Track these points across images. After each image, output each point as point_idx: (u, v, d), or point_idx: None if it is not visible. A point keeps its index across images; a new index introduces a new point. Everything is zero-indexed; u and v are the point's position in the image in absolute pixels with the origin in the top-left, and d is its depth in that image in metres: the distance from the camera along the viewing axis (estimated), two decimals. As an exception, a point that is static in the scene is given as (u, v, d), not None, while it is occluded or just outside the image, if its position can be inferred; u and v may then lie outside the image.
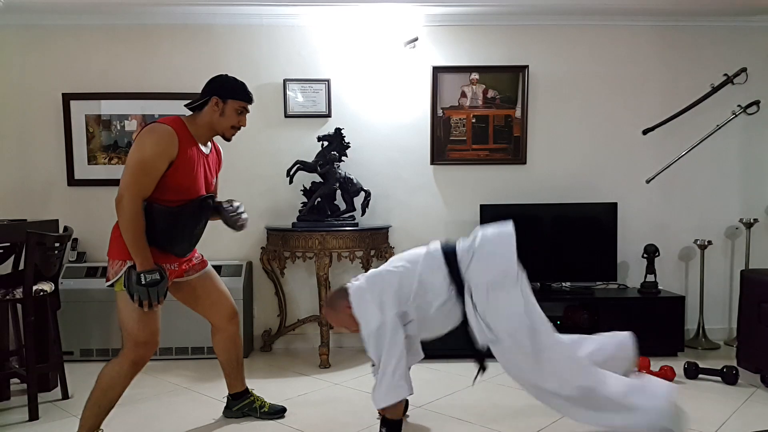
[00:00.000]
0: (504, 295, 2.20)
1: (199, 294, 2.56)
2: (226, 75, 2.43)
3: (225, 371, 2.71)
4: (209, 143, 2.47)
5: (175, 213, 2.29)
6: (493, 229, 2.33)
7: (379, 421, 2.44)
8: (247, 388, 2.75)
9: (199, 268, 2.55)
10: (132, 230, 2.18)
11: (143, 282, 2.19)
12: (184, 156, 2.27)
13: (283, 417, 2.72)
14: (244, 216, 2.52)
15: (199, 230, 2.46)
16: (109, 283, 2.29)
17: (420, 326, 2.33)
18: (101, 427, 2.33)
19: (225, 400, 2.78)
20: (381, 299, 2.24)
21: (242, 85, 2.41)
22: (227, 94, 2.35)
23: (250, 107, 2.44)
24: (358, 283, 2.36)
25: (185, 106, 2.41)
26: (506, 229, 2.30)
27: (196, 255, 2.57)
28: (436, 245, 2.36)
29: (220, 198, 2.61)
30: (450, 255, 2.29)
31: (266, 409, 2.72)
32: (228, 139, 2.46)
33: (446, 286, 2.26)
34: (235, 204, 2.52)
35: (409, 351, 2.33)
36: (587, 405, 2.17)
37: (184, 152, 2.27)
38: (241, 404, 2.72)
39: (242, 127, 2.44)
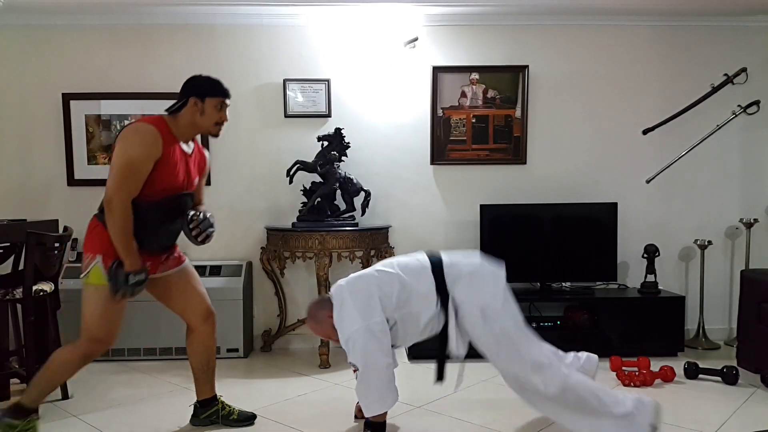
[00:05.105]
0: (499, 323, 2.28)
1: (174, 291, 2.51)
2: (201, 75, 2.42)
3: (195, 375, 2.63)
4: (191, 143, 2.46)
5: (151, 209, 2.28)
6: (489, 265, 2.40)
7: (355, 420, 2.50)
8: (215, 395, 2.67)
9: (174, 264, 2.50)
10: (123, 232, 2.20)
11: (131, 282, 2.23)
12: (167, 155, 2.27)
13: (252, 424, 2.64)
14: (209, 230, 2.45)
15: (173, 228, 2.42)
16: (81, 275, 2.31)
17: (401, 335, 2.37)
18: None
19: (193, 407, 2.66)
20: (363, 304, 2.26)
21: (218, 82, 2.40)
22: (204, 93, 2.35)
23: (228, 101, 2.42)
24: (339, 290, 2.36)
25: (166, 110, 2.40)
26: (501, 270, 2.38)
27: (173, 252, 2.52)
28: (422, 254, 2.42)
29: (205, 199, 2.63)
30: (437, 266, 2.34)
31: (235, 417, 2.63)
32: (215, 136, 2.43)
33: (433, 298, 2.30)
34: (201, 216, 2.43)
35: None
36: (570, 405, 2.24)
37: (167, 151, 2.27)
38: (209, 412, 2.63)
39: (226, 122, 2.41)
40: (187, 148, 2.42)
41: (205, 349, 2.60)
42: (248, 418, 2.66)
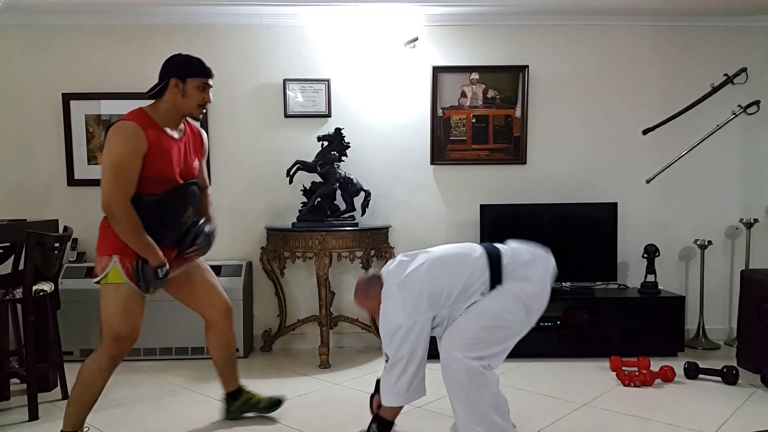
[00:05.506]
0: (509, 301, 2.20)
1: (190, 288, 2.51)
2: (181, 54, 2.37)
3: (218, 369, 2.67)
4: (182, 126, 2.40)
5: (157, 202, 2.26)
6: (546, 256, 2.34)
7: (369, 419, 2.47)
8: (240, 386, 2.71)
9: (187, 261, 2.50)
10: (133, 232, 2.20)
11: (160, 276, 2.25)
12: (154, 146, 2.22)
13: (281, 405, 2.71)
14: (203, 249, 2.45)
15: (186, 218, 2.39)
16: (96, 279, 2.29)
17: (447, 325, 2.30)
18: (86, 424, 2.34)
19: (223, 402, 2.73)
20: (411, 302, 2.20)
21: (199, 62, 2.34)
22: (185, 74, 2.28)
23: (211, 81, 2.37)
24: (391, 277, 2.29)
25: (145, 94, 2.34)
26: (552, 261, 2.35)
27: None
28: (479, 251, 2.29)
29: (210, 184, 2.65)
30: (495, 261, 2.24)
31: (264, 404, 2.70)
32: (197, 119, 2.40)
33: (481, 289, 2.22)
34: (204, 236, 2.43)
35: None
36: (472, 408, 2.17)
37: (153, 143, 2.22)
38: (239, 403, 2.69)
39: (209, 104, 2.37)
40: (176, 133, 2.36)
41: (226, 344, 2.63)
42: (276, 403, 2.71)
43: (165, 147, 2.27)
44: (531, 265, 2.27)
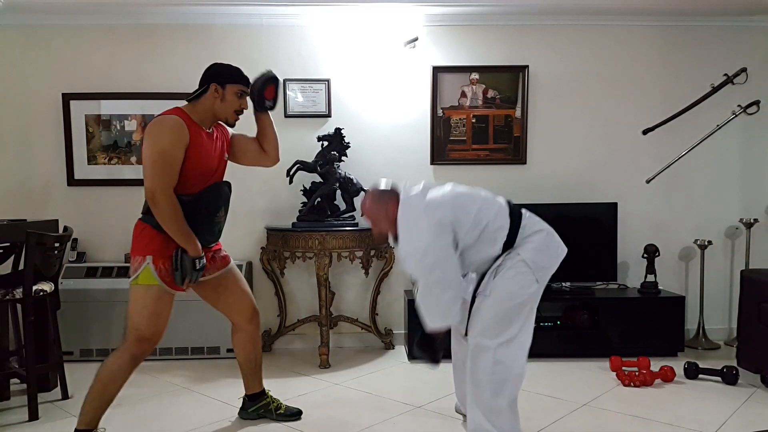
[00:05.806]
0: (522, 276, 2.24)
1: (221, 292, 2.56)
2: (222, 62, 2.46)
3: (243, 371, 2.71)
4: (212, 128, 2.48)
5: (192, 202, 2.32)
6: (558, 238, 2.39)
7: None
8: (264, 390, 2.74)
9: (221, 265, 2.54)
10: (175, 221, 2.24)
11: (198, 267, 2.31)
12: (196, 141, 2.31)
13: (299, 419, 2.70)
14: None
15: (219, 218, 2.47)
16: (131, 279, 2.31)
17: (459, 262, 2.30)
18: (100, 425, 2.34)
19: (241, 400, 2.75)
20: (436, 225, 2.19)
21: (238, 70, 2.44)
22: (225, 80, 2.38)
23: (248, 90, 2.45)
24: (414, 195, 2.30)
25: (186, 101, 2.42)
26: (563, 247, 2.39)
27: (220, 251, 2.55)
28: (503, 201, 2.36)
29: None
30: (516, 218, 2.30)
31: (282, 411, 2.70)
32: (232, 125, 2.48)
33: (501, 241, 2.26)
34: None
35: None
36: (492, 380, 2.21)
37: (194, 138, 2.30)
38: (257, 405, 2.70)
39: (245, 109, 2.46)
40: (209, 131, 2.45)
41: (252, 347, 2.66)
42: (295, 414, 2.72)
43: (205, 141, 2.36)
44: (546, 235, 2.32)
